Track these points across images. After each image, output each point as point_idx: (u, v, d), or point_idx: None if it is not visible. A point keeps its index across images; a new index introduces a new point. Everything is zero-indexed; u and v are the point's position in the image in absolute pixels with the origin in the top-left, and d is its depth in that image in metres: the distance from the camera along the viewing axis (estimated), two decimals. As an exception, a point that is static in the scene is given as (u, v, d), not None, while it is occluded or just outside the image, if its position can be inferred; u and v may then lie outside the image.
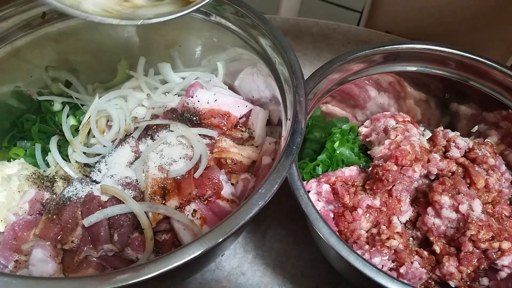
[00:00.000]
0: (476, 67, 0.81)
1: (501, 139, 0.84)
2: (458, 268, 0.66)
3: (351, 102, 0.91)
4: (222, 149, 0.78)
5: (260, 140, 0.84)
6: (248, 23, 0.79)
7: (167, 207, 0.70)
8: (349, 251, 0.58)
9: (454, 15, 1.41)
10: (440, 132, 0.81)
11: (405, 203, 0.72)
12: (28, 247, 0.68)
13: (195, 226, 0.68)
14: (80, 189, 0.73)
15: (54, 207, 0.71)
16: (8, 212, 0.74)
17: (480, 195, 0.71)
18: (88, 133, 0.84)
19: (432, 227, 0.69)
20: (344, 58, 0.79)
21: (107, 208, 0.69)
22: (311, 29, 1.29)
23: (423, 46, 0.82)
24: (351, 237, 0.71)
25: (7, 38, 0.79)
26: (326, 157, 0.84)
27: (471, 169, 0.73)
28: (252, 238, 0.85)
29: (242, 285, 0.79)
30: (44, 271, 0.66)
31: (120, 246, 0.69)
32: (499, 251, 0.65)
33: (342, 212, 0.73)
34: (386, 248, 0.67)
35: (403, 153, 0.71)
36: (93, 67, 0.91)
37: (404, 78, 0.88)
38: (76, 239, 0.69)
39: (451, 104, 0.89)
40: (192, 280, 0.79)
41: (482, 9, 1.36)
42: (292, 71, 0.70)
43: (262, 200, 0.54)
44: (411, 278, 0.67)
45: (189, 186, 0.72)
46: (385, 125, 0.82)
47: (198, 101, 0.84)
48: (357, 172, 0.78)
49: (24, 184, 0.77)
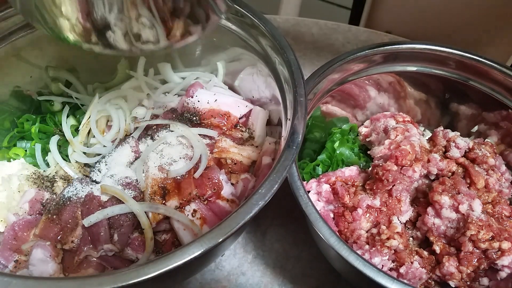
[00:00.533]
0: (476, 67, 0.81)
1: (501, 139, 0.84)
2: (458, 268, 0.66)
3: (351, 102, 0.91)
4: (222, 149, 0.78)
5: (260, 140, 0.84)
6: (248, 23, 0.79)
7: (167, 207, 0.70)
8: (349, 251, 0.58)
9: (454, 15, 1.42)
10: (440, 132, 0.81)
11: (405, 203, 0.72)
12: (28, 247, 0.68)
13: (195, 226, 0.68)
14: (80, 189, 0.73)
15: (54, 207, 0.71)
16: (8, 212, 0.74)
17: (480, 195, 0.71)
18: (88, 133, 0.85)
19: (432, 227, 0.69)
20: (344, 58, 0.79)
21: (107, 208, 0.69)
22: (311, 29, 1.29)
23: (423, 46, 0.82)
24: (351, 237, 0.71)
25: (7, 38, 0.78)
26: (326, 157, 0.84)
27: (471, 169, 0.73)
28: (252, 238, 0.85)
29: (242, 285, 0.79)
30: (44, 271, 0.66)
31: (120, 246, 0.69)
32: (499, 251, 0.65)
33: (342, 212, 0.73)
34: (386, 248, 0.67)
35: (403, 153, 0.71)
36: (93, 67, 0.91)
37: (404, 78, 0.88)
38: (76, 239, 0.69)
39: (451, 104, 0.89)
40: (192, 280, 0.79)
41: (482, 9, 1.36)
42: (292, 71, 0.70)
43: (262, 200, 0.54)
44: (411, 278, 0.67)
45: (189, 186, 0.72)
46: (385, 125, 0.82)
47: (198, 101, 0.84)
48: (357, 172, 0.78)
49: (24, 184, 0.77)
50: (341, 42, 1.26)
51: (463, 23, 1.40)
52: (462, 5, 1.38)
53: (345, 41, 1.27)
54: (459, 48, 0.81)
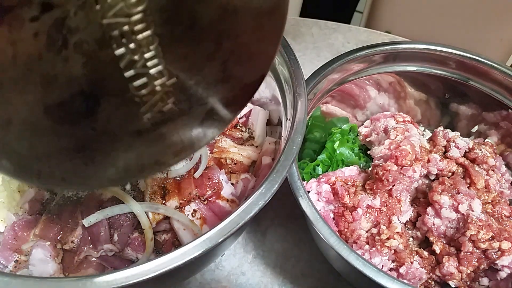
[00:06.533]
0: (476, 67, 0.81)
1: (501, 139, 0.84)
2: (458, 268, 0.66)
3: (351, 102, 0.91)
4: (222, 149, 0.78)
5: (260, 140, 0.84)
6: (248, 23, 0.79)
7: (167, 207, 0.70)
8: (349, 251, 0.58)
9: (454, 15, 1.42)
10: (440, 132, 0.81)
11: (405, 203, 0.72)
12: (28, 247, 0.68)
13: (195, 226, 0.69)
14: (80, 189, 0.73)
15: (54, 207, 0.71)
16: (8, 212, 0.74)
17: (480, 195, 0.71)
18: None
19: (432, 227, 0.69)
20: (344, 58, 0.79)
21: (107, 208, 0.69)
22: (311, 29, 1.29)
23: (423, 46, 0.82)
24: (351, 237, 0.71)
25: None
26: (326, 157, 0.84)
27: (471, 169, 0.73)
28: (252, 238, 0.85)
29: (242, 285, 0.79)
30: (44, 271, 0.66)
31: (120, 246, 0.69)
32: (499, 251, 0.65)
33: (342, 212, 0.73)
34: (386, 248, 0.67)
35: (403, 153, 0.71)
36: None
37: (404, 78, 0.88)
38: (76, 239, 0.69)
39: (451, 104, 0.89)
40: (192, 280, 0.79)
41: (482, 9, 1.36)
42: (292, 71, 0.70)
43: (262, 200, 0.54)
44: (411, 278, 0.67)
45: (189, 186, 0.72)
46: (385, 125, 0.82)
47: (198, 101, 0.84)
48: (357, 172, 0.78)
49: (24, 184, 0.77)
50: (341, 42, 1.26)
51: (463, 23, 1.40)
52: (462, 5, 1.38)
53: (345, 41, 1.27)
54: (459, 48, 0.81)
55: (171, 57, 0.40)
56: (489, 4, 1.34)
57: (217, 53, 0.43)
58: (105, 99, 0.39)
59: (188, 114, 0.46)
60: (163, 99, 0.42)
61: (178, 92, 0.43)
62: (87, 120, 0.40)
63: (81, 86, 0.37)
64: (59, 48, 0.34)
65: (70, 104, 0.38)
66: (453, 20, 1.42)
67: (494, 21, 1.36)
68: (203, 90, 0.45)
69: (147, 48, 0.38)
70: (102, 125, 0.41)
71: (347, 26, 1.30)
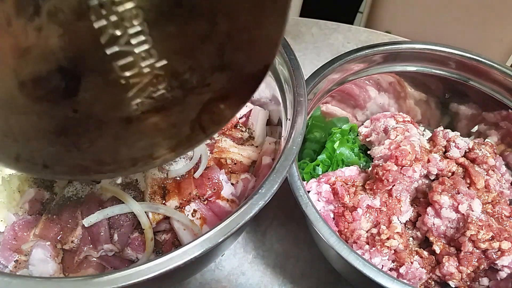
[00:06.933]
0: (476, 67, 0.81)
1: (501, 139, 0.84)
2: (458, 268, 0.66)
3: (351, 102, 0.91)
4: (222, 149, 0.78)
5: (260, 140, 0.84)
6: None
7: (167, 207, 0.70)
8: (349, 251, 0.58)
9: (454, 15, 1.42)
10: (440, 132, 0.81)
11: (405, 203, 0.72)
12: (28, 247, 0.68)
13: (195, 226, 0.69)
14: (80, 189, 0.73)
15: (54, 207, 0.71)
16: (8, 212, 0.74)
17: (480, 195, 0.71)
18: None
19: (432, 227, 0.69)
20: (344, 58, 0.79)
21: (107, 208, 0.69)
22: (311, 28, 1.29)
23: (423, 46, 0.82)
24: (351, 237, 0.71)
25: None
26: (326, 157, 0.84)
27: (471, 169, 0.73)
28: (252, 238, 0.85)
29: (242, 285, 0.79)
30: (44, 271, 0.66)
31: (120, 246, 0.69)
32: (499, 251, 0.65)
33: (342, 212, 0.73)
34: (386, 248, 0.67)
35: (403, 153, 0.71)
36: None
37: (404, 78, 0.88)
38: (76, 239, 0.69)
39: (451, 104, 0.89)
40: (192, 280, 0.79)
41: (482, 9, 1.36)
42: (292, 71, 0.70)
43: (262, 200, 0.54)
44: (411, 278, 0.67)
45: (189, 186, 0.72)
46: (385, 125, 0.82)
47: (198, 101, 0.84)
48: (357, 172, 0.78)
49: (24, 184, 0.77)
50: (341, 42, 1.26)
51: (463, 23, 1.40)
52: (462, 5, 1.38)
53: (345, 41, 1.27)
54: (459, 48, 0.81)
55: (158, 35, 0.36)
56: (489, 4, 1.34)
57: (212, 35, 0.38)
58: (87, 78, 0.36)
59: (183, 103, 0.42)
60: (153, 83, 0.38)
61: (170, 76, 0.39)
62: (67, 101, 0.36)
63: (58, 61, 0.34)
64: (31, 15, 0.31)
65: (47, 81, 0.34)
66: (453, 20, 1.42)
67: (494, 21, 1.36)
68: (199, 77, 0.41)
69: (130, 22, 0.34)
70: (86, 108, 0.37)
71: (347, 26, 1.30)
